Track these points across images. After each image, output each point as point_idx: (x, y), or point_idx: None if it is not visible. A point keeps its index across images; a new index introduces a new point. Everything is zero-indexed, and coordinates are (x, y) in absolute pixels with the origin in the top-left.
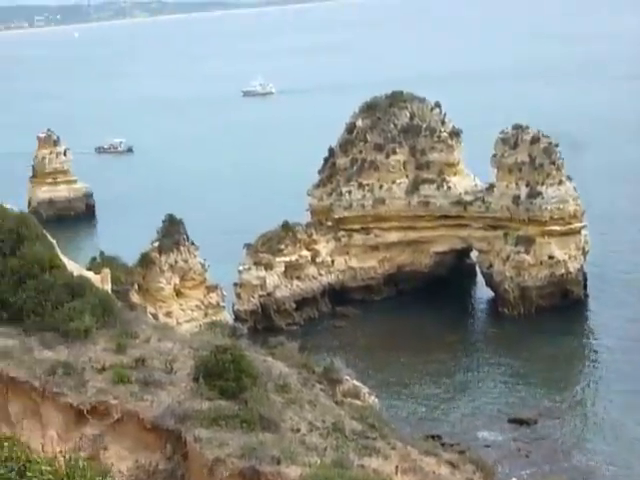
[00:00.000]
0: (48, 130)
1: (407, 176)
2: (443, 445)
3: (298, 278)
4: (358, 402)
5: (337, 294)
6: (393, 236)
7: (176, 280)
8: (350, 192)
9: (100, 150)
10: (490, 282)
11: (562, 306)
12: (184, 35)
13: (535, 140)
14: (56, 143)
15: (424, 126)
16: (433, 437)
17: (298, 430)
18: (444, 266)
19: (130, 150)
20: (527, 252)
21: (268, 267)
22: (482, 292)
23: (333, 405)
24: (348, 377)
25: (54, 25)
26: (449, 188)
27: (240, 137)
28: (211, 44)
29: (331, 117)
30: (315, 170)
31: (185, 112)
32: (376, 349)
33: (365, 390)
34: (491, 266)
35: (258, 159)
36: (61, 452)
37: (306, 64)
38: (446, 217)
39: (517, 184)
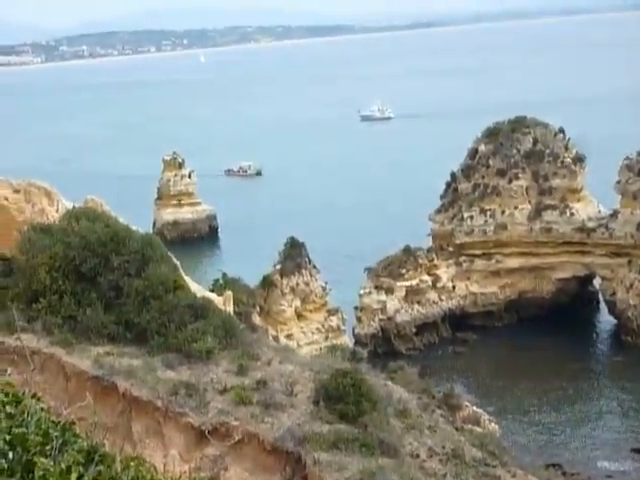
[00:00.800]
0: (174, 153)
1: (529, 202)
2: (564, 474)
3: (419, 303)
4: (478, 429)
5: (457, 319)
6: (515, 262)
7: (297, 303)
8: (472, 217)
9: (229, 173)
10: (613, 310)
11: None
12: (307, 59)
13: None
14: (181, 166)
15: (547, 151)
16: (554, 466)
17: (417, 456)
18: (566, 293)
19: (259, 173)
20: None
21: (389, 291)
22: (605, 320)
23: (453, 431)
24: (468, 403)
25: (180, 49)
26: (572, 214)
27: (359, 161)
28: (333, 68)
29: (451, 142)
30: (436, 195)
31: (306, 135)
32: (496, 375)
33: (485, 417)
34: (614, 294)
35: (378, 183)
36: (185, 472)
37: (425, 88)
38: (569, 243)
39: None
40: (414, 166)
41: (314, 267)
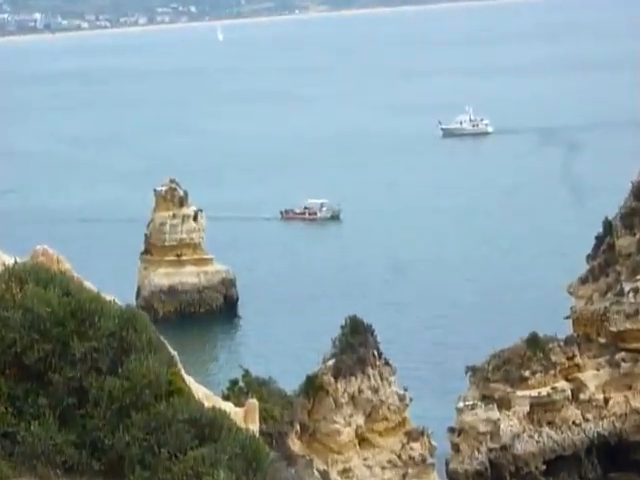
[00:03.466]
0: (171, 182)
1: None
2: None
3: (550, 424)
4: None
5: (612, 452)
6: None
7: (360, 420)
8: (637, 292)
9: (288, 215)
10: None
11: None
12: (374, 39)
13: None
14: (182, 202)
15: None
16: None
17: None
18: None
19: (335, 217)
20: None
21: (504, 405)
22: None
23: None
24: None
25: (185, 21)
26: None
27: (444, 201)
28: (399, 53)
29: (594, 170)
30: (577, 254)
31: (380, 159)
32: None
33: None
34: None
35: (486, 230)
36: None
37: (545, 89)
38: None
39: None
40: (539, 206)
41: (387, 364)
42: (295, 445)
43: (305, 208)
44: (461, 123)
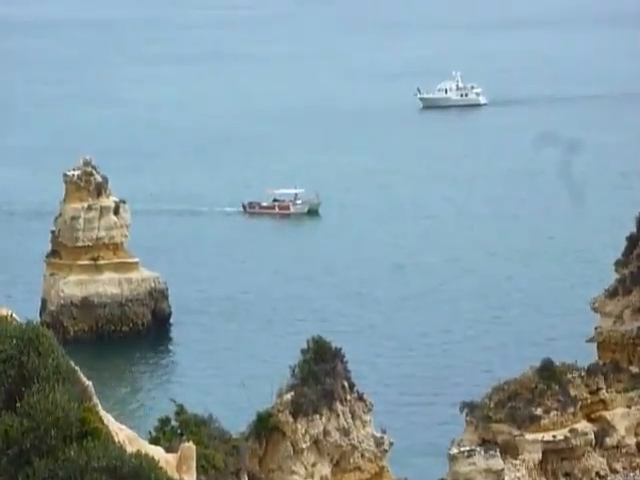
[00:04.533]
0: (85, 164)
1: None
2: None
3: (568, 476)
4: None
5: None
6: None
7: (325, 470)
8: None
9: (252, 208)
10: None
11: None
12: None
13: None
14: (100, 190)
15: None
16: None
17: None
18: None
19: (313, 211)
20: None
21: (510, 451)
22: None
23: None
24: None
25: None
26: None
27: (425, 189)
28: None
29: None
30: (602, 260)
31: (353, 138)
32: None
33: None
34: None
35: (471, 233)
36: None
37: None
38: None
39: None
40: (547, 199)
41: (361, 399)
42: None
43: (274, 200)
44: (446, 91)
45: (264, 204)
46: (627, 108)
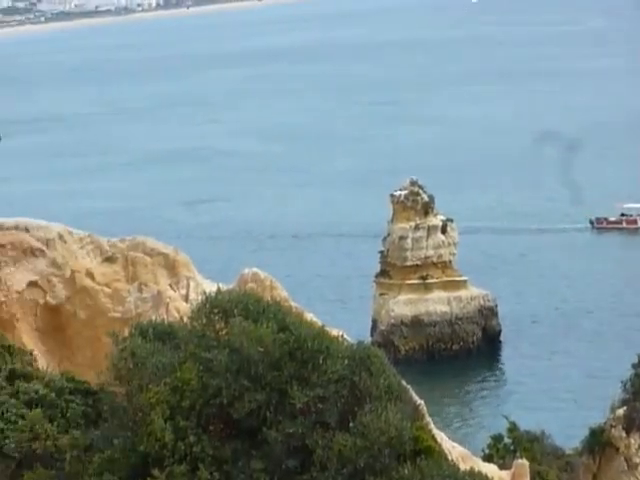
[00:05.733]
0: (412, 183)
1: None
2: None
3: None
4: None
5: None
6: None
7: None
8: None
9: (601, 224)
10: None
11: None
12: None
13: None
14: (427, 209)
15: None
16: None
17: None
18: None
19: None
20: None
21: None
22: None
23: None
24: None
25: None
26: None
27: None
28: None
29: None
30: None
31: None
32: None
33: None
34: None
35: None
36: None
37: None
38: None
39: None
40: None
41: None
42: None
43: (622, 215)
44: None
45: (612, 219)
46: None
